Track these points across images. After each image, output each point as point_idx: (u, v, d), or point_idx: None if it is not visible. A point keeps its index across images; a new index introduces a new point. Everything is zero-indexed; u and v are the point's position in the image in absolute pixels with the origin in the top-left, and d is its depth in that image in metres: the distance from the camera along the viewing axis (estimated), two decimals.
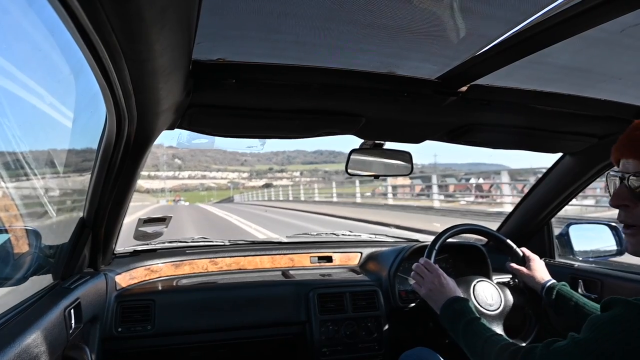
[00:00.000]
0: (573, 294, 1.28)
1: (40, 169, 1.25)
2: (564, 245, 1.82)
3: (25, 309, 0.94)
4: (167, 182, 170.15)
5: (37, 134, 1.30)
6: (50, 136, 1.37)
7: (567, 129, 1.50)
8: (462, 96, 1.19)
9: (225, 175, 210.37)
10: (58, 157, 1.33)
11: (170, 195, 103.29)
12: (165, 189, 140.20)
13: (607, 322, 0.75)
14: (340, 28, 0.86)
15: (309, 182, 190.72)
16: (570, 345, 0.79)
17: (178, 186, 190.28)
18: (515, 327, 1.45)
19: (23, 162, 1.15)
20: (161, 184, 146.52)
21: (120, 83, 0.75)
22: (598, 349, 0.74)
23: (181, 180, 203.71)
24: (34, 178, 1.22)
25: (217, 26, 0.82)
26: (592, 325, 0.77)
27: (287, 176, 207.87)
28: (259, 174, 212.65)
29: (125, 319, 1.47)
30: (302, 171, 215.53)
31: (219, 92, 1.10)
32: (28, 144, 1.16)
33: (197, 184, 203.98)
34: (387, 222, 10.79)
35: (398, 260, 1.73)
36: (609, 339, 0.73)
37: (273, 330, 1.63)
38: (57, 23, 0.59)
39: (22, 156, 1.14)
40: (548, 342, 0.85)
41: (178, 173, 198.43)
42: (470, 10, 0.80)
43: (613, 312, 0.75)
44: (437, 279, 1.27)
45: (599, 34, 0.84)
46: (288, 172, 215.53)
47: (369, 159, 1.62)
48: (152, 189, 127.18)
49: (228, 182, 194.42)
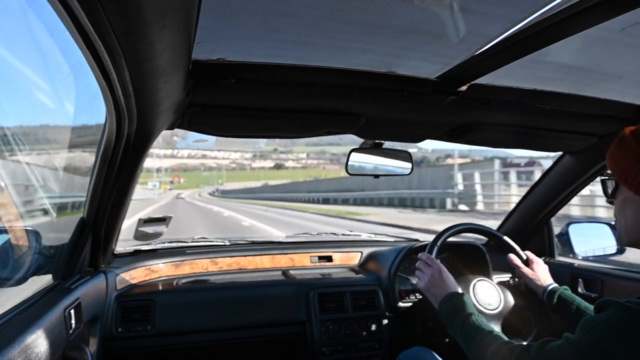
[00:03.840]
0: (575, 298, 1.28)
1: (40, 168, 1.25)
2: (564, 244, 1.83)
3: (25, 309, 0.94)
4: (165, 161, 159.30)
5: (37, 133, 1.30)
6: (50, 135, 1.37)
7: (567, 128, 1.50)
8: (462, 95, 1.19)
9: (227, 155, 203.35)
10: (58, 156, 1.33)
11: (167, 176, 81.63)
12: (162, 168, 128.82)
13: (599, 324, 0.76)
14: (340, 28, 0.86)
15: (317, 164, 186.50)
16: (564, 346, 0.80)
17: (177, 165, 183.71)
18: (514, 327, 1.45)
19: (23, 161, 1.15)
20: (157, 162, 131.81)
21: (120, 83, 0.75)
22: (591, 351, 0.75)
23: (180, 159, 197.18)
24: (33, 177, 1.22)
25: (217, 26, 0.82)
26: (585, 327, 0.79)
27: (292, 158, 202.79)
28: (263, 155, 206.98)
29: (126, 319, 1.47)
30: (308, 153, 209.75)
31: (219, 92, 1.10)
32: (28, 143, 1.16)
33: (197, 163, 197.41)
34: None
35: (398, 260, 1.73)
36: (601, 340, 0.75)
37: (273, 330, 1.63)
38: (57, 23, 0.59)
39: (22, 156, 1.14)
40: (543, 342, 0.87)
41: (177, 151, 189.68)
42: (470, 10, 0.80)
43: (606, 314, 0.77)
44: (438, 272, 1.27)
45: (599, 33, 0.84)
46: (294, 154, 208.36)
47: (369, 158, 1.62)
48: (147, 168, 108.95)
49: (231, 163, 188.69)
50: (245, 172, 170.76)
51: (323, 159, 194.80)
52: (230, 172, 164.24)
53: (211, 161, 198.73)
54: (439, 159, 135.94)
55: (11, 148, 1.09)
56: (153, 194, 53.75)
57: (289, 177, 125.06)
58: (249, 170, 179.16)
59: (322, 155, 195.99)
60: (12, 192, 1.18)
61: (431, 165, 25.67)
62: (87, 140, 1.31)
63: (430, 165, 28.42)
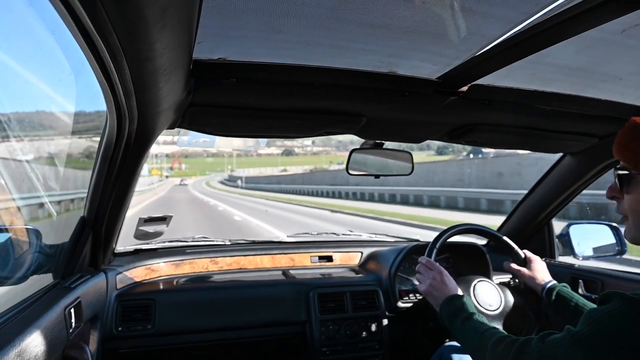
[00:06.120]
0: (573, 295, 1.28)
1: (40, 168, 1.26)
2: (564, 245, 1.82)
3: (25, 308, 0.94)
4: (163, 148, 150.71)
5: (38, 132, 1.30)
6: (50, 134, 1.37)
7: (568, 129, 1.50)
8: (462, 96, 1.19)
9: (230, 141, 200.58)
10: (59, 156, 1.33)
11: (167, 162, 68.27)
12: (161, 154, 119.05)
13: (603, 316, 0.75)
14: (340, 28, 0.86)
15: (323, 151, 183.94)
16: (566, 337, 0.80)
17: (177, 152, 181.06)
18: (515, 327, 1.45)
19: (23, 160, 1.15)
20: (155, 148, 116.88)
21: (121, 82, 0.75)
22: (593, 342, 0.74)
23: (182, 146, 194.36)
24: (34, 176, 1.22)
25: (218, 26, 0.82)
26: (588, 319, 0.77)
27: (297, 144, 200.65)
28: (267, 142, 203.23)
29: (126, 318, 1.47)
30: (313, 140, 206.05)
31: (219, 91, 1.10)
32: (29, 142, 1.16)
33: (200, 150, 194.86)
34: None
35: (398, 260, 1.73)
36: (604, 332, 0.74)
37: (273, 330, 1.63)
38: (58, 22, 0.60)
39: (22, 154, 1.14)
40: (544, 334, 0.86)
41: (177, 137, 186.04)
42: (471, 10, 0.80)
43: (610, 306, 0.76)
44: (439, 275, 1.27)
45: (600, 34, 0.84)
46: (298, 141, 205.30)
47: (370, 158, 1.62)
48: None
49: (234, 150, 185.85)
50: (252, 158, 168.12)
51: (329, 146, 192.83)
52: (238, 158, 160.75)
53: (213, 148, 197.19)
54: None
55: (11, 146, 1.09)
56: (139, 185, 41.18)
57: (306, 164, 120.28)
58: (255, 156, 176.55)
59: (328, 143, 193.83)
60: (11, 189, 1.18)
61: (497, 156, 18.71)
62: (87, 142, 1.32)
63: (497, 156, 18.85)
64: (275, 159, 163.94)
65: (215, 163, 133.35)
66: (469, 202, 15.23)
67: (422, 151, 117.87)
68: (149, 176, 37.95)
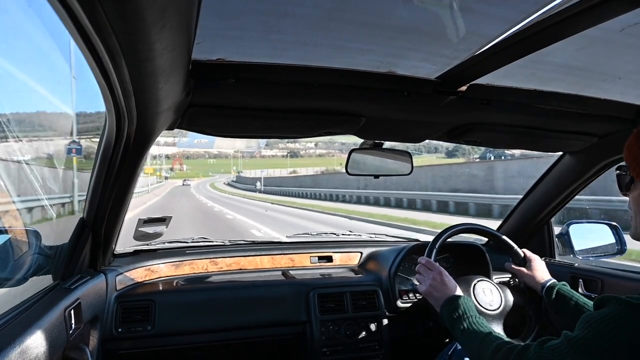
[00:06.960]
0: (573, 294, 1.28)
1: (39, 168, 1.25)
2: (564, 244, 1.82)
3: (25, 310, 0.94)
4: (164, 149, 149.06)
5: (37, 132, 1.29)
6: (50, 135, 1.37)
7: (567, 128, 1.50)
8: (462, 96, 1.19)
9: (232, 142, 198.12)
10: (58, 155, 1.32)
11: (167, 164, 65.38)
12: (161, 155, 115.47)
13: (599, 320, 0.76)
14: (339, 28, 0.86)
15: (327, 153, 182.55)
16: (564, 343, 0.80)
17: (178, 154, 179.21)
18: (515, 327, 1.45)
19: (22, 161, 1.15)
20: (156, 149, 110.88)
21: (120, 83, 0.75)
22: (590, 347, 0.75)
23: (181, 147, 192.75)
24: (33, 177, 1.22)
25: (217, 26, 0.82)
26: (585, 323, 0.78)
27: (300, 147, 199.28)
28: (269, 144, 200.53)
29: (126, 319, 1.47)
30: (316, 142, 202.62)
31: (218, 92, 1.10)
32: (27, 142, 1.16)
33: (201, 151, 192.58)
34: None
35: (398, 260, 1.73)
36: (601, 337, 0.74)
37: (273, 331, 1.63)
38: (57, 23, 0.59)
39: (21, 155, 1.14)
40: (541, 341, 0.87)
41: (177, 139, 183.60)
42: (469, 10, 0.80)
43: (606, 310, 0.76)
44: (439, 276, 1.27)
45: (599, 33, 0.84)
46: (301, 143, 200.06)
47: (369, 158, 1.62)
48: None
49: (236, 151, 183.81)
50: (257, 159, 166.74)
51: (332, 148, 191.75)
52: (243, 159, 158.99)
53: (214, 150, 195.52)
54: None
55: (10, 147, 1.09)
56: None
57: (314, 165, 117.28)
58: (258, 158, 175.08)
59: (330, 145, 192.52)
60: (12, 191, 1.18)
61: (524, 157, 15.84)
62: (86, 142, 1.31)
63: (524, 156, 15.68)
64: (284, 161, 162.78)
65: (217, 164, 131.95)
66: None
67: (430, 154, 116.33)
68: (143, 176, 30.56)
